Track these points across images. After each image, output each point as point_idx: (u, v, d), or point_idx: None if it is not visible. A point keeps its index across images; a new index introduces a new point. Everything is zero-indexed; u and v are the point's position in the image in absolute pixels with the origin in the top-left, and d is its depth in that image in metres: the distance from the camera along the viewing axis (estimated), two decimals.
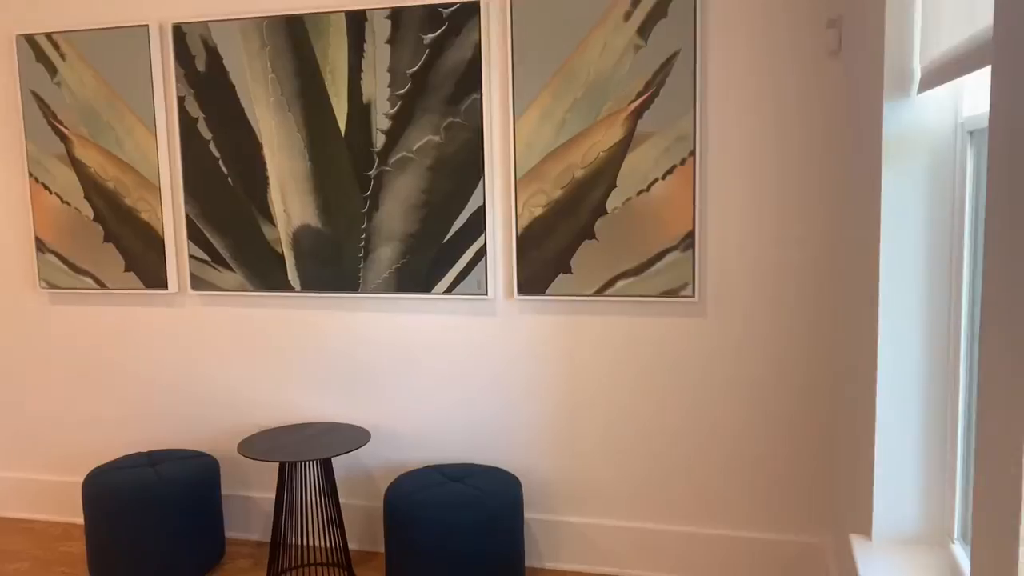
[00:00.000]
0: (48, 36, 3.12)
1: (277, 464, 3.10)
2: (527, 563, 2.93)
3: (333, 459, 3.05)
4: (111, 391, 3.31)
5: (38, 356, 3.37)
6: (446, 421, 2.97)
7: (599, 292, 2.73)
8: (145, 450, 3.29)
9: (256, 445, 2.78)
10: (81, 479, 3.39)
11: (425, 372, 2.97)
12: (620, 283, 2.71)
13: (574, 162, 2.71)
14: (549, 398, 2.87)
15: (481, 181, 2.79)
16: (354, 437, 2.85)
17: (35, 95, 3.17)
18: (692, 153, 2.61)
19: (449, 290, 2.87)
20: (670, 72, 2.60)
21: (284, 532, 2.80)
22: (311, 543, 3.13)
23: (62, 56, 3.11)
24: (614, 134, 2.66)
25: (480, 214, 2.81)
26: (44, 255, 3.25)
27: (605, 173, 2.68)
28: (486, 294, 2.84)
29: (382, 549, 3.08)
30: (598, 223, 2.71)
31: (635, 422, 2.80)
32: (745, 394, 2.70)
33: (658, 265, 2.67)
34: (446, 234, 2.85)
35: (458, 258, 2.85)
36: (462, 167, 2.80)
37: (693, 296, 2.66)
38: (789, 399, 2.67)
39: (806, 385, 2.65)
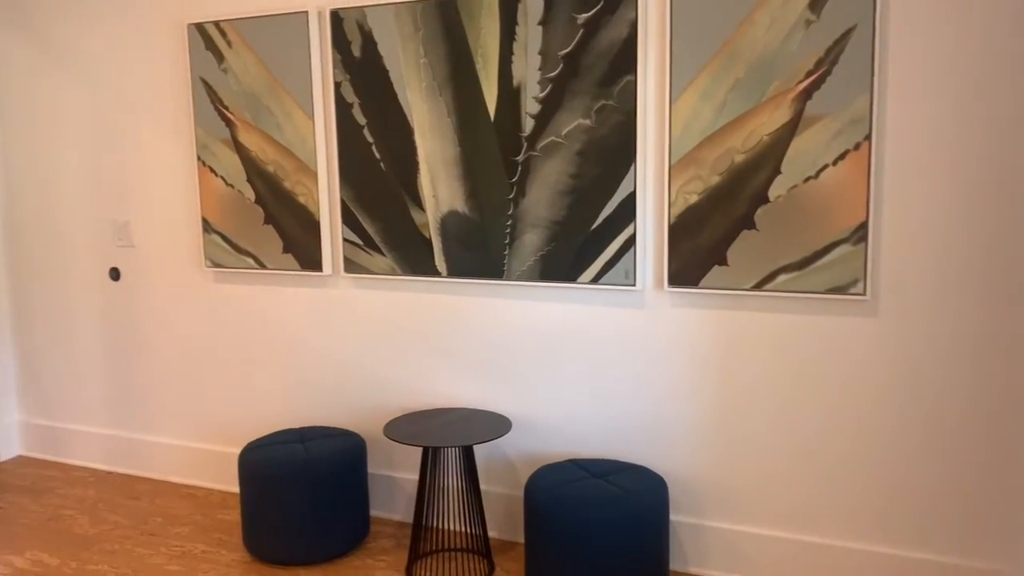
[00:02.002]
0: (216, 24, 3.24)
1: (420, 447, 3.12)
2: (671, 566, 2.81)
3: (474, 446, 3.03)
4: (267, 367, 3.43)
5: (202, 331, 3.55)
6: (588, 415, 2.89)
7: (757, 286, 2.56)
8: (297, 426, 3.40)
9: (400, 428, 2.80)
10: (238, 450, 3.55)
11: (568, 363, 2.90)
12: (781, 277, 2.53)
13: (734, 146, 2.54)
14: (698, 396, 2.72)
15: (633, 166, 2.67)
16: (495, 425, 2.82)
17: (204, 82, 3.31)
18: (867, 137, 2.38)
19: (595, 280, 2.78)
20: (844, 48, 2.38)
21: (426, 515, 2.81)
22: (452, 527, 3.14)
23: (228, 43, 3.23)
24: (779, 116, 2.47)
25: (630, 201, 2.69)
26: (210, 235, 3.40)
27: (768, 158, 2.50)
28: (634, 285, 2.73)
29: (522, 539, 3.04)
30: (759, 212, 2.53)
31: (792, 426, 2.62)
32: (919, 403, 2.46)
33: (825, 259, 2.47)
34: (594, 221, 2.75)
35: (606, 247, 2.75)
36: (613, 152, 2.69)
37: (864, 294, 2.44)
38: (970, 411, 2.41)
39: (990, 397, 2.38)
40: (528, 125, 2.80)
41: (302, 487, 2.84)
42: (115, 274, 3.71)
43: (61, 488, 3.64)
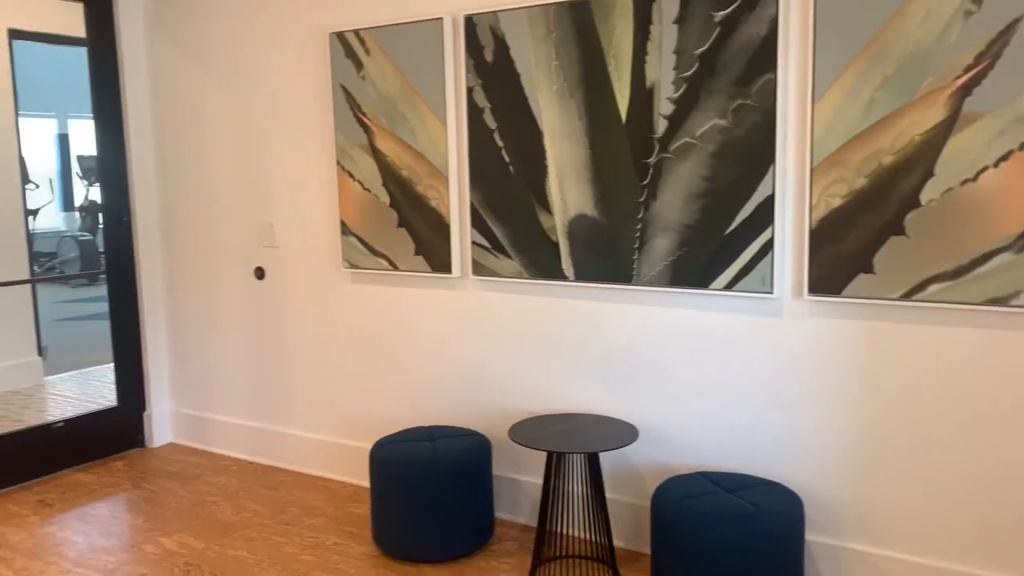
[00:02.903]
0: (356, 33, 3.35)
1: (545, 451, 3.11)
2: None
3: (600, 453, 2.99)
4: (399, 366, 3.51)
5: (339, 330, 3.67)
6: (719, 426, 2.79)
7: (907, 296, 2.40)
8: (425, 424, 3.46)
9: (526, 431, 2.79)
10: (369, 446, 3.65)
11: (699, 372, 2.81)
12: (933, 287, 2.36)
13: (882, 147, 2.39)
14: (839, 411, 2.58)
15: (771, 168, 2.57)
16: (622, 433, 2.77)
17: (344, 89, 3.42)
18: None
19: (729, 286, 2.68)
20: (1009, 41, 2.20)
21: (550, 520, 2.79)
22: (576, 534, 3.11)
23: (367, 51, 3.33)
24: (934, 115, 2.31)
25: (768, 204, 2.59)
26: (347, 237, 3.52)
27: (920, 160, 2.34)
28: (771, 292, 2.62)
29: (647, 551, 2.98)
30: (909, 217, 2.37)
31: (943, 445, 2.44)
32: None
33: (983, 268, 2.28)
34: (728, 226, 2.66)
35: (741, 252, 2.65)
36: (750, 153, 2.59)
37: None
38: None
39: None
40: (661, 126, 2.74)
41: (429, 485, 2.88)
42: (260, 273, 3.90)
43: (207, 475, 3.85)
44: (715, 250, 2.69)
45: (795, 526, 2.44)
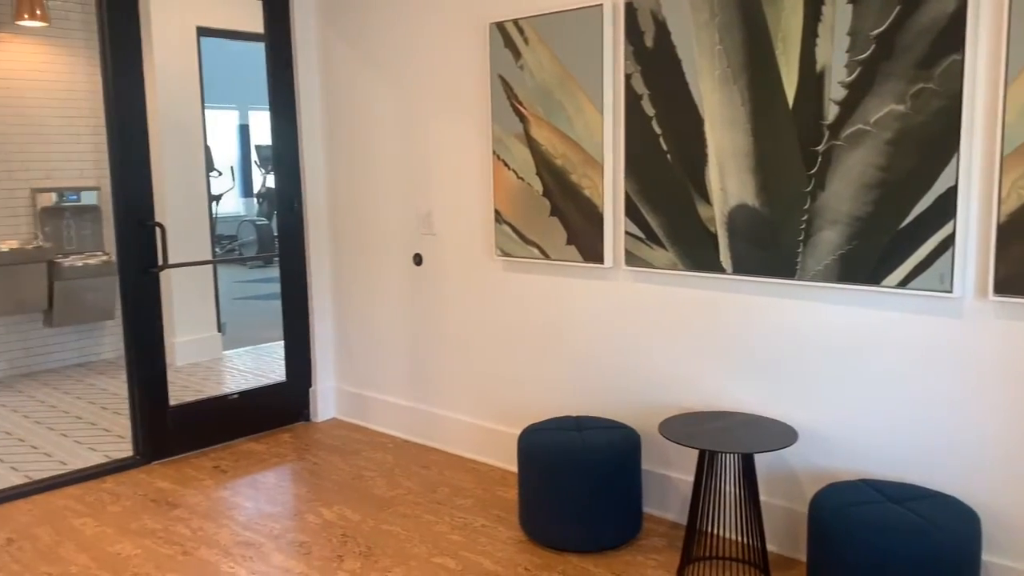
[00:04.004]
0: (515, 22, 3.37)
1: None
2: None
3: (755, 455, 2.88)
4: (548, 354, 3.53)
5: (491, 317, 3.73)
6: (885, 432, 2.62)
7: None
8: (573, 414, 3.46)
9: (677, 427, 2.73)
10: (518, 432, 3.69)
11: (866, 374, 2.64)
12: None
13: None
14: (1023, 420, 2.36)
15: (955, 157, 2.37)
16: (779, 434, 2.65)
17: (501, 78, 3.46)
18: None
19: (903, 283, 2.50)
20: None
21: (700, 519, 2.72)
22: (727, 535, 3.02)
23: (525, 40, 3.34)
24: None
25: (950, 196, 2.39)
26: (500, 226, 3.56)
27: None
28: (950, 291, 2.42)
29: (803, 557, 2.85)
30: None
31: None
32: None
33: None
34: (904, 218, 2.48)
35: (917, 247, 2.46)
36: (931, 141, 2.40)
37: None
38: None
39: None
40: (831, 112, 2.59)
41: (576, 475, 2.88)
42: (418, 259, 4.02)
43: (365, 451, 4.02)
44: (888, 244, 2.52)
45: (970, 544, 2.25)
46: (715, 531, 3.04)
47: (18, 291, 5.29)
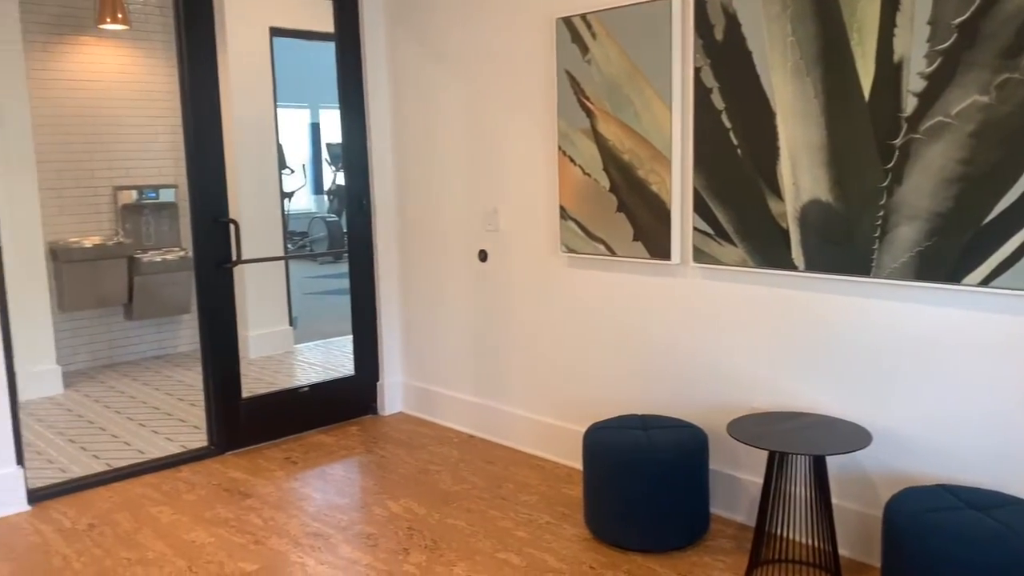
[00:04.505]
0: (583, 17, 3.34)
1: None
2: None
3: (827, 457, 2.81)
4: (613, 351, 3.50)
5: (556, 313, 3.72)
6: (965, 436, 2.52)
7: None
8: (639, 412, 3.43)
9: (746, 427, 2.68)
10: (583, 429, 3.67)
11: (944, 376, 2.55)
12: None
13: None
14: None
15: None
16: (852, 436, 2.58)
17: (568, 74, 3.44)
18: None
19: (985, 282, 2.40)
20: None
21: (769, 521, 2.67)
22: (797, 538, 2.95)
23: (593, 35, 3.32)
24: None
25: None
26: (566, 222, 3.54)
27: None
28: None
29: (877, 564, 2.76)
30: None
31: None
32: None
33: None
34: (987, 214, 2.38)
35: (1001, 244, 2.36)
36: (1017, 133, 2.30)
37: None
38: None
39: None
40: (910, 104, 2.50)
41: (642, 474, 2.85)
42: (483, 256, 4.03)
43: (431, 445, 4.06)
44: (970, 241, 2.42)
45: None
46: (784, 534, 2.97)
47: (100, 286, 5.50)
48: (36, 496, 3.47)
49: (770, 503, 2.64)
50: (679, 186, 3.13)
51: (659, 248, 3.22)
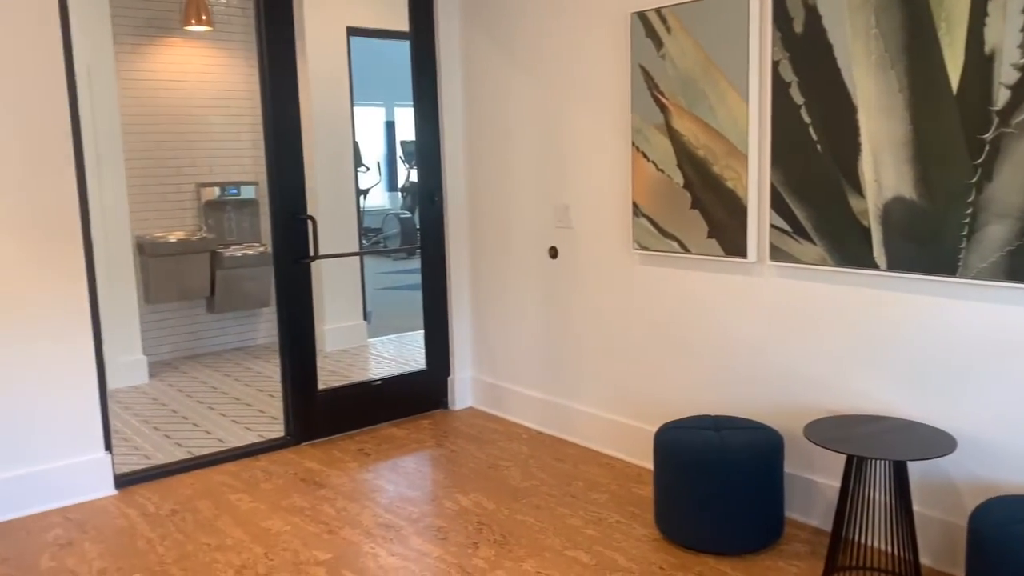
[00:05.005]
0: (657, 11, 3.30)
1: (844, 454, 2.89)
2: None
3: (909, 462, 2.72)
4: (685, 350, 3.45)
5: (628, 311, 3.69)
6: None
7: None
8: (711, 412, 3.37)
9: (824, 430, 2.61)
10: (654, 429, 3.63)
11: None
12: None
13: None
14: None
15: None
16: (935, 442, 2.49)
17: (642, 68, 3.40)
18: None
19: None
20: None
21: (846, 527, 2.59)
22: (875, 545, 2.86)
23: (668, 29, 3.28)
24: None
25: None
26: (638, 219, 3.51)
27: None
28: None
29: (960, 574, 2.66)
30: None
31: None
32: None
33: None
34: None
35: None
36: None
37: None
38: None
39: None
40: (1002, 98, 2.39)
41: (714, 475, 2.80)
42: (554, 252, 4.03)
43: (501, 441, 4.08)
44: None
45: None
46: (862, 540, 2.89)
47: (183, 279, 5.69)
48: (122, 481, 3.62)
49: (848, 508, 2.57)
50: (756, 182, 3.07)
51: (734, 246, 3.16)
